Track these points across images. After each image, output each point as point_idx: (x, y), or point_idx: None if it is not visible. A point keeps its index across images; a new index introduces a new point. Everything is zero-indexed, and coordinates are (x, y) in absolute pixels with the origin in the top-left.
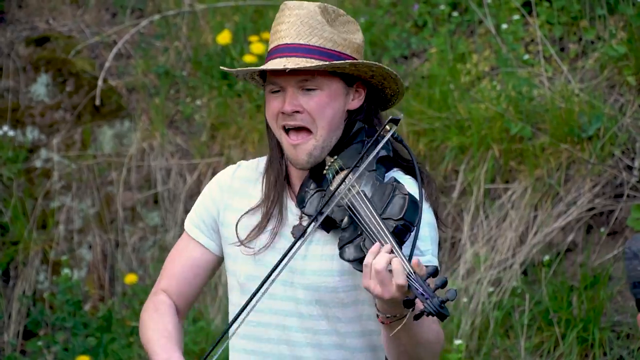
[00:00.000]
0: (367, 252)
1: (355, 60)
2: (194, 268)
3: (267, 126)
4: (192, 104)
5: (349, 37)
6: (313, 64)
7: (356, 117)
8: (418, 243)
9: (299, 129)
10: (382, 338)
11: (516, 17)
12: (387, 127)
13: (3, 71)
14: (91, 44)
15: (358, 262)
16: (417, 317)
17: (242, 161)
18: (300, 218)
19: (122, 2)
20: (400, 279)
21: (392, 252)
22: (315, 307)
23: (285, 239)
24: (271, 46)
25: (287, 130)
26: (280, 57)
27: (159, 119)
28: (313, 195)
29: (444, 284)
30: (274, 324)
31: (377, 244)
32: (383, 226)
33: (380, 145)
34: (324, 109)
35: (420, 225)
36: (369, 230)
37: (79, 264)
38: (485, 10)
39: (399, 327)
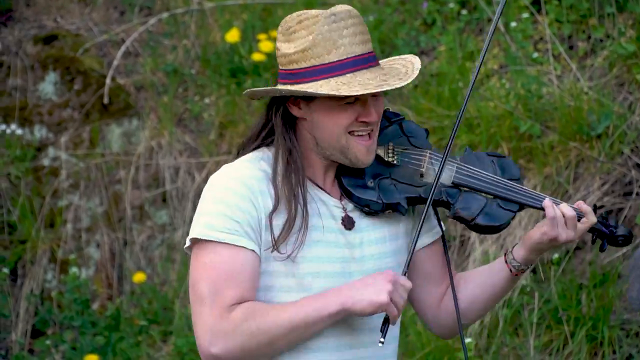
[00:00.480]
0: (513, 213)
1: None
2: (257, 279)
3: (284, 125)
4: (200, 102)
5: None
6: (394, 75)
7: None
8: None
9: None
10: (491, 292)
11: (525, 15)
12: None
13: (11, 69)
14: (99, 42)
15: (502, 226)
16: (603, 249)
17: (229, 164)
18: (345, 210)
19: (130, 0)
20: (593, 216)
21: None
22: None
23: (317, 231)
24: (333, 57)
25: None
26: (361, 69)
27: (167, 117)
28: (379, 183)
29: (616, 224)
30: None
31: (548, 198)
32: (519, 186)
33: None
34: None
35: None
36: (504, 193)
37: (87, 262)
38: (494, 8)
39: (523, 275)
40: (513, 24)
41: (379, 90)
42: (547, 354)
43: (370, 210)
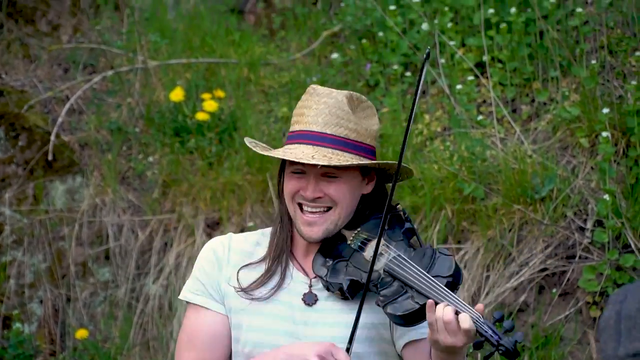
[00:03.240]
0: (418, 305)
1: (381, 162)
2: (220, 337)
3: (279, 190)
4: (144, 160)
5: (368, 125)
6: (340, 159)
7: (368, 197)
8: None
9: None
10: None
11: (470, 77)
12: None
13: None
14: (44, 99)
15: (402, 317)
16: (486, 357)
17: (231, 234)
18: (310, 287)
19: (74, 58)
20: (466, 323)
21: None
22: None
23: (284, 305)
24: (296, 127)
25: (300, 206)
26: (307, 144)
27: (111, 175)
28: (334, 266)
29: (511, 328)
30: None
31: (430, 300)
32: (436, 281)
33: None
34: (344, 195)
35: None
36: (418, 285)
37: (30, 318)
38: (439, 70)
39: None
40: (459, 86)
41: (290, 158)
42: None
43: (324, 287)
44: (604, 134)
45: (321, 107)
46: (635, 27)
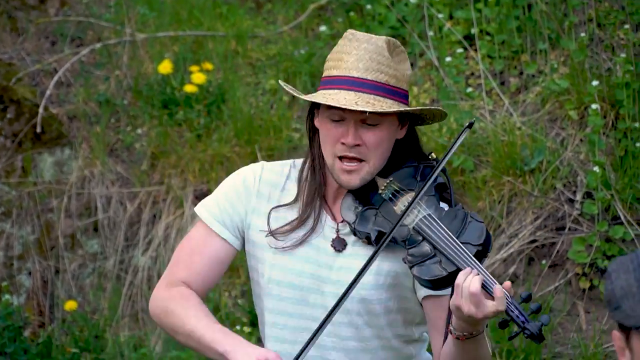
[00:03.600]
0: (446, 272)
1: (424, 107)
2: (218, 264)
3: (309, 132)
4: (132, 132)
5: (404, 70)
6: (382, 105)
7: (401, 141)
8: None
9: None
10: (449, 352)
11: (459, 50)
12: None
13: None
14: (32, 72)
15: (432, 281)
16: (511, 337)
17: (264, 162)
18: (337, 231)
19: (61, 31)
20: (502, 305)
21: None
22: (344, 315)
23: (313, 248)
24: (335, 73)
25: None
26: (348, 89)
27: (100, 147)
28: (364, 212)
29: (538, 309)
30: (303, 327)
31: (468, 268)
32: (465, 249)
33: (450, 153)
34: (382, 143)
35: None
36: (447, 251)
37: (19, 290)
38: (428, 42)
39: (472, 344)
40: (448, 58)
41: (334, 104)
42: None
43: (351, 232)
44: (594, 106)
45: (361, 52)
46: (623, 0)
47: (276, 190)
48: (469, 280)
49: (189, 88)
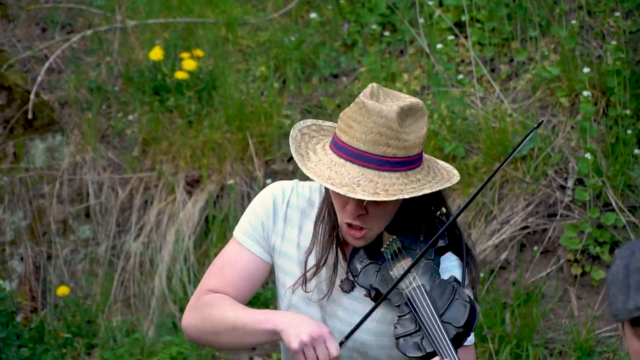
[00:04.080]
0: (423, 353)
1: (430, 191)
2: (250, 277)
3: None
4: (123, 119)
5: (417, 135)
6: (386, 183)
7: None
8: None
9: None
10: None
11: (450, 37)
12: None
13: None
14: (23, 58)
15: (412, 359)
16: None
17: (296, 182)
18: (347, 273)
19: (52, 17)
20: None
21: None
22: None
23: (335, 289)
24: (344, 138)
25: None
26: (353, 162)
27: (91, 133)
28: (367, 266)
29: None
30: None
31: (437, 358)
32: (444, 331)
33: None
34: (385, 214)
35: None
36: (428, 331)
37: (11, 275)
38: (419, 29)
39: None
40: (439, 45)
41: (335, 190)
42: None
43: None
44: (585, 93)
45: (370, 125)
46: None
47: (302, 216)
48: None
49: (179, 75)
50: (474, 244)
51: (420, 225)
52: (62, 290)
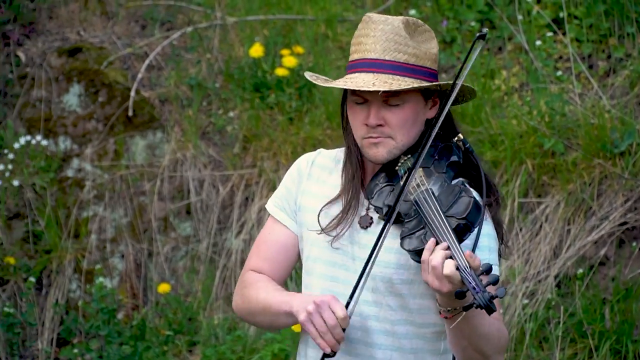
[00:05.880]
0: (424, 245)
1: (442, 82)
2: (284, 250)
3: (343, 121)
4: (224, 115)
5: (427, 48)
6: (400, 84)
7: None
8: (477, 252)
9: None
10: (449, 337)
11: (549, 34)
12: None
13: (35, 81)
14: (123, 56)
15: (415, 252)
16: (466, 308)
17: (322, 149)
18: (367, 209)
19: (151, 15)
20: (447, 269)
21: (448, 248)
22: (370, 294)
23: (354, 229)
24: (355, 56)
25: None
26: (367, 71)
27: (192, 130)
28: (382, 188)
29: (495, 281)
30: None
31: (432, 239)
32: (446, 222)
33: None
34: (406, 123)
35: (480, 235)
36: (431, 225)
37: (111, 273)
38: (518, 26)
39: (458, 320)
40: (538, 42)
41: (349, 87)
42: None
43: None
44: None
45: (378, 34)
46: None
47: (325, 172)
48: (431, 255)
49: (280, 71)
50: (574, 239)
51: (433, 148)
52: (163, 288)
